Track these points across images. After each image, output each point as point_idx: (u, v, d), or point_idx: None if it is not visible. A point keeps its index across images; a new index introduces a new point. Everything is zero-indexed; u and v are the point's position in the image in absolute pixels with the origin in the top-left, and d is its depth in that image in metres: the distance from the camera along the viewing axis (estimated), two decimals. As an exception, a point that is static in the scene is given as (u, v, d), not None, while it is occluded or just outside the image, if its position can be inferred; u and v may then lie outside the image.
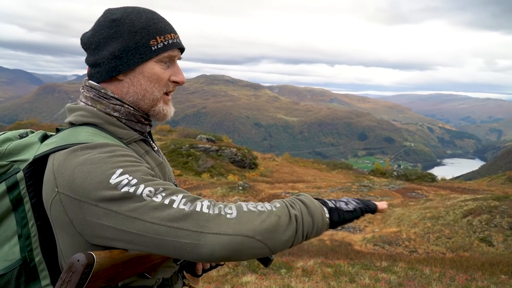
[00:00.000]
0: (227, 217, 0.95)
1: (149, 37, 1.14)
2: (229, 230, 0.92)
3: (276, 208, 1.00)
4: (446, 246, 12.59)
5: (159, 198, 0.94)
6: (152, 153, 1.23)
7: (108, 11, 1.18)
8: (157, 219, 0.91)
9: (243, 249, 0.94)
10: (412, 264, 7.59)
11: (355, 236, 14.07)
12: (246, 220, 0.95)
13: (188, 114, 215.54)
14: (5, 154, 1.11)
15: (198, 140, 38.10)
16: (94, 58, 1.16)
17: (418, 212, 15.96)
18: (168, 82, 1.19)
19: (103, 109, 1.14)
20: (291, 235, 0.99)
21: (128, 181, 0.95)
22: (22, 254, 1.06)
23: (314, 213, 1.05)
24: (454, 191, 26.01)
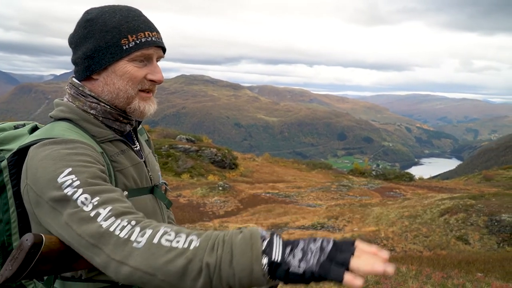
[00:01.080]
0: (133, 245, 0.86)
1: (120, 36, 1.13)
2: (131, 262, 0.85)
3: (191, 249, 0.84)
4: (424, 245, 12.80)
5: (89, 207, 0.92)
6: (129, 152, 1.24)
7: (86, 11, 1.20)
8: (82, 232, 0.91)
9: (146, 283, 0.86)
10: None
11: (335, 235, 14.18)
12: (149, 255, 0.85)
13: (167, 114, 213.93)
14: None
15: (177, 141, 37.83)
16: (73, 57, 1.20)
17: (396, 211, 16.19)
18: (143, 80, 1.18)
19: (81, 106, 1.18)
20: (203, 283, 0.83)
21: (71, 181, 0.96)
22: (1, 238, 1.12)
23: (237, 265, 0.82)
24: (432, 190, 26.49)
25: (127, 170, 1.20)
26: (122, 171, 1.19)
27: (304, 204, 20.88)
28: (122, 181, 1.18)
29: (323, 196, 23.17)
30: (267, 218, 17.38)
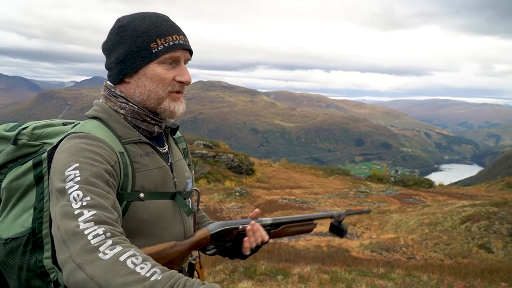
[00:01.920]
0: (99, 255, 0.89)
1: (149, 40, 1.22)
2: (89, 269, 0.87)
3: (151, 280, 0.86)
4: (444, 253, 12.55)
5: (77, 205, 0.98)
6: (154, 155, 1.29)
7: (118, 19, 1.30)
8: (61, 225, 0.96)
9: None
10: (410, 271, 7.54)
11: (353, 242, 14.02)
12: (110, 270, 0.87)
13: (185, 120, 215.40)
14: (41, 136, 1.29)
15: (195, 146, 38.03)
16: (107, 62, 1.30)
17: (416, 218, 15.93)
18: (173, 82, 1.26)
19: (112, 106, 1.27)
20: None
21: (74, 176, 1.04)
22: (33, 225, 1.21)
23: None
24: (452, 197, 26.02)
25: (148, 172, 1.25)
26: (143, 172, 1.23)
27: (321, 211, 20.68)
28: (141, 182, 1.22)
29: (341, 202, 22.95)
30: (284, 224, 17.28)
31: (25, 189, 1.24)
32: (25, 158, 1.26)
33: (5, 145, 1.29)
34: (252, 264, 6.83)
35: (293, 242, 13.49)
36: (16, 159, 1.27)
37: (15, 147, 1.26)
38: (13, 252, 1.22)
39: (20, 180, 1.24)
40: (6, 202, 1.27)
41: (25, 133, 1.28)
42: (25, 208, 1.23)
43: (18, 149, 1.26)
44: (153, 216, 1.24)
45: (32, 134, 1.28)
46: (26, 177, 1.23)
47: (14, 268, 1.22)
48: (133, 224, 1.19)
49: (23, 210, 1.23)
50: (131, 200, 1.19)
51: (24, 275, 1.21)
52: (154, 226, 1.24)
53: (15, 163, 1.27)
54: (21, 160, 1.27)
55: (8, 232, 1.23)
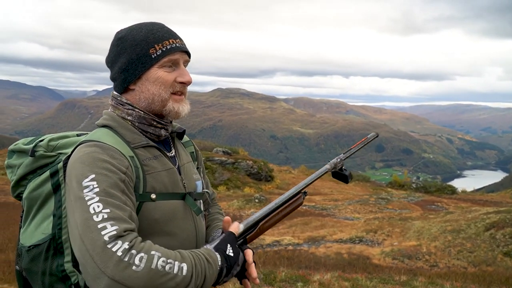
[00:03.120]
0: (133, 269, 0.99)
1: (148, 47, 1.29)
2: (129, 282, 0.98)
3: (181, 276, 1.05)
4: (468, 260, 12.28)
5: (98, 218, 1.05)
6: (161, 158, 1.35)
7: (117, 32, 1.36)
8: (86, 239, 1.02)
9: None
10: (433, 279, 7.41)
11: (374, 250, 13.84)
12: (148, 279, 1.00)
13: (204, 127, 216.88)
14: (56, 147, 1.36)
15: (214, 153, 38.21)
16: (111, 74, 1.36)
17: (438, 225, 15.64)
18: (174, 83, 1.32)
19: (119, 114, 1.34)
20: None
21: (92, 187, 1.10)
22: (53, 231, 1.27)
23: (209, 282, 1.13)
24: (476, 203, 25.48)
25: (157, 174, 1.31)
26: (152, 174, 1.29)
27: (341, 217, 20.54)
28: (152, 184, 1.28)
29: (361, 209, 22.71)
30: (304, 231, 17.20)
31: (44, 198, 1.31)
32: (43, 169, 1.34)
33: (24, 158, 1.37)
34: (272, 271, 6.82)
35: (313, 249, 13.40)
36: (35, 170, 1.35)
37: (33, 159, 1.34)
38: (36, 258, 1.29)
39: (39, 190, 1.31)
40: (28, 212, 1.35)
41: (41, 145, 1.36)
42: (45, 215, 1.30)
43: (36, 160, 1.34)
44: (164, 215, 1.29)
45: (48, 145, 1.36)
46: (44, 187, 1.31)
47: (38, 273, 1.29)
48: (145, 224, 1.24)
49: (44, 218, 1.30)
50: (143, 200, 1.24)
51: (47, 280, 1.28)
52: (165, 225, 1.30)
53: (34, 174, 1.35)
54: (39, 171, 1.34)
55: (31, 240, 1.30)
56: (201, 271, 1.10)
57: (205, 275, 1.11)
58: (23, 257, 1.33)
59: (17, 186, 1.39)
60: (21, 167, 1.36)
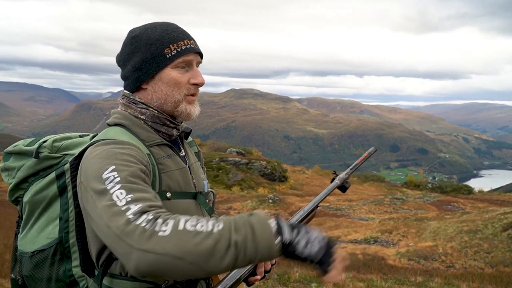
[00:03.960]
0: (159, 234, 0.91)
1: (163, 46, 1.27)
2: (159, 249, 0.90)
3: (216, 230, 0.93)
4: (485, 261, 12.10)
5: (122, 203, 0.99)
6: (174, 157, 1.34)
7: (130, 30, 1.35)
8: (111, 224, 0.96)
9: (171, 269, 0.91)
10: (449, 280, 7.33)
11: (389, 250, 13.74)
12: (178, 241, 0.91)
13: (218, 128, 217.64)
14: (61, 148, 1.34)
15: (228, 154, 38.31)
16: (123, 73, 1.34)
17: (455, 226, 15.45)
18: (188, 85, 1.31)
19: (132, 112, 1.32)
20: (229, 261, 0.92)
21: (113, 178, 1.04)
22: (60, 235, 1.25)
23: (260, 241, 0.94)
24: (493, 203, 25.10)
25: (172, 173, 1.29)
26: (167, 173, 1.28)
27: (356, 218, 20.42)
28: (167, 182, 1.26)
29: (376, 209, 22.55)
30: (318, 231, 17.12)
31: (49, 201, 1.28)
32: (47, 171, 1.31)
33: (25, 160, 1.33)
34: (286, 271, 6.81)
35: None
36: (37, 173, 1.31)
37: (37, 161, 1.30)
38: (41, 264, 1.25)
39: (44, 193, 1.28)
40: (29, 216, 1.31)
41: (46, 146, 1.33)
42: (49, 219, 1.27)
43: (39, 162, 1.31)
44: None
45: (53, 146, 1.33)
46: (49, 189, 1.28)
47: (42, 280, 1.26)
48: None
49: (48, 221, 1.27)
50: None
51: (53, 286, 1.25)
52: None
53: (36, 177, 1.31)
54: (42, 173, 1.31)
55: (33, 246, 1.27)
56: (243, 224, 0.96)
57: (252, 228, 0.95)
58: (24, 263, 1.29)
59: (16, 190, 1.35)
60: (22, 169, 1.32)
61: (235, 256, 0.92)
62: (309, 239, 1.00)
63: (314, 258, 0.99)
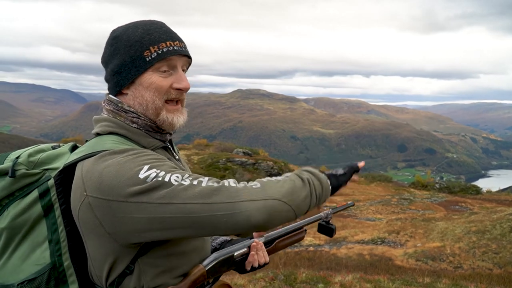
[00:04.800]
0: (253, 187, 1.06)
1: (142, 49, 1.16)
2: (260, 196, 1.03)
3: (289, 177, 1.16)
4: (493, 262, 12.01)
5: (187, 181, 1.00)
6: (173, 160, 1.28)
7: (113, 30, 1.24)
8: (190, 198, 0.97)
9: (276, 212, 1.04)
10: (457, 281, 7.29)
11: (396, 251, 13.68)
12: (270, 188, 1.07)
13: (224, 128, 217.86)
14: (38, 163, 1.19)
15: (234, 154, 38.34)
16: (105, 75, 1.24)
17: (463, 226, 15.35)
18: (170, 90, 1.19)
19: (122, 120, 1.20)
20: (306, 194, 1.14)
21: (156, 173, 0.99)
22: (52, 259, 1.12)
23: (320, 177, 1.23)
24: (501, 203, 24.90)
25: None
26: None
27: (363, 218, 20.35)
28: None
29: (383, 209, 22.45)
30: (325, 232, 17.08)
31: (32, 224, 1.13)
32: (24, 190, 1.15)
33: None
34: (293, 272, 6.81)
35: (335, 250, 13.32)
36: (13, 194, 1.15)
37: (13, 180, 1.14)
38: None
39: (26, 215, 1.13)
40: (7, 244, 1.14)
41: (21, 162, 1.17)
42: (34, 244, 1.13)
43: (16, 181, 1.14)
44: None
45: (29, 162, 1.18)
46: (32, 210, 1.13)
47: None
48: None
49: (33, 246, 1.13)
50: None
51: None
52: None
53: (11, 199, 1.15)
54: (19, 193, 1.15)
55: (17, 276, 1.12)
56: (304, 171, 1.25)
57: (311, 172, 1.26)
58: None
59: None
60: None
61: (309, 190, 1.16)
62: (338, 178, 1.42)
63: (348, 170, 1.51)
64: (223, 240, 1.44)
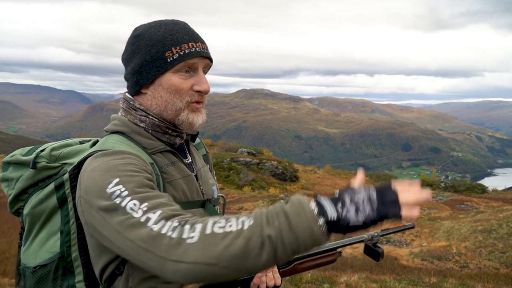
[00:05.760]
0: (187, 242, 0.86)
1: (164, 49, 1.16)
2: (189, 257, 0.85)
3: (246, 228, 0.86)
4: (500, 261, 11.94)
5: (139, 213, 0.92)
6: (179, 165, 1.25)
7: (135, 28, 1.25)
8: (133, 237, 0.90)
9: (205, 276, 0.87)
10: (463, 280, 7.24)
11: (402, 250, 13.63)
12: (206, 246, 0.85)
13: (229, 128, 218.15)
14: (59, 157, 1.25)
15: (239, 154, 38.38)
16: (125, 73, 1.25)
17: (469, 225, 15.28)
18: (191, 92, 1.20)
19: (132, 119, 1.22)
20: (267, 257, 0.86)
21: (120, 192, 0.96)
22: (61, 249, 1.18)
23: (297, 229, 0.86)
24: (507, 202, 24.77)
25: (176, 182, 1.22)
26: (172, 182, 1.20)
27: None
28: (172, 192, 1.19)
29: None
30: (330, 231, 17.07)
31: (49, 213, 1.21)
32: (46, 182, 1.23)
33: (23, 170, 1.26)
34: (298, 271, 6.80)
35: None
36: (36, 183, 1.24)
37: (35, 171, 1.22)
38: (43, 279, 1.20)
39: (43, 205, 1.21)
40: (30, 229, 1.25)
41: (43, 155, 1.24)
42: (50, 232, 1.21)
43: (37, 172, 1.23)
44: None
45: (51, 156, 1.25)
46: (49, 201, 1.20)
47: None
48: None
49: (49, 235, 1.21)
50: None
51: None
52: None
53: (35, 188, 1.24)
54: (42, 184, 1.23)
55: (35, 260, 1.21)
56: (276, 213, 0.89)
57: (285, 215, 0.87)
58: (27, 279, 1.23)
59: (16, 201, 1.28)
60: (20, 180, 1.25)
61: (272, 251, 0.85)
62: (357, 203, 0.91)
63: (374, 219, 0.90)
64: None
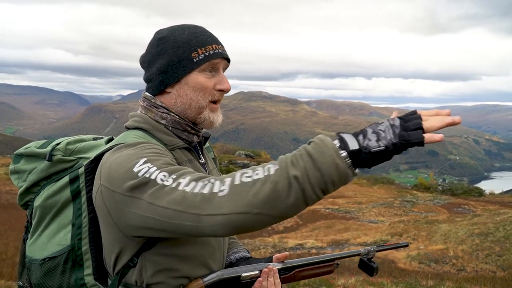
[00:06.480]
0: (219, 195, 0.92)
1: (190, 50, 1.22)
2: (223, 209, 0.91)
3: (273, 173, 0.91)
4: (497, 264, 11.96)
5: (169, 181, 0.97)
6: (194, 163, 1.28)
7: (157, 31, 1.30)
8: (166, 203, 0.95)
9: (242, 225, 0.92)
10: (460, 283, 7.25)
11: (399, 253, 13.64)
12: (237, 196, 0.91)
13: (227, 130, 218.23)
14: (74, 151, 1.29)
15: (237, 156, 38.40)
16: (147, 75, 1.29)
17: (466, 228, 15.31)
18: (213, 91, 1.25)
19: (152, 116, 1.25)
20: (296, 198, 0.90)
21: (148, 168, 1.00)
22: (72, 242, 1.21)
23: (322, 165, 0.89)
24: (504, 205, 24.84)
25: None
26: None
27: (365, 220, 20.33)
28: None
29: (386, 212, 22.42)
30: (327, 234, 17.07)
31: (61, 206, 1.23)
32: (60, 175, 1.26)
33: (37, 163, 1.29)
34: (295, 274, 6.80)
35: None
36: (50, 176, 1.27)
37: (50, 164, 1.26)
38: (51, 271, 1.22)
39: (56, 197, 1.23)
40: (40, 221, 1.26)
41: (59, 148, 1.28)
42: (61, 225, 1.23)
43: (52, 165, 1.26)
44: None
45: (66, 149, 1.28)
46: (62, 194, 1.23)
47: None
48: None
49: (59, 227, 1.23)
50: None
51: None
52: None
53: (48, 181, 1.27)
54: (55, 177, 1.26)
55: (43, 252, 1.23)
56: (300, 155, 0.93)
57: (309, 155, 0.91)
58: (34, 271, 1.25)
59: (27, 193, 1.30)
60: (34, 172, 1.28)
61: (301, 191, 0.90)
62: (379, 133, 0.93)
63: (395, 142, 0.91)
64: (241, 256, 1.41)
